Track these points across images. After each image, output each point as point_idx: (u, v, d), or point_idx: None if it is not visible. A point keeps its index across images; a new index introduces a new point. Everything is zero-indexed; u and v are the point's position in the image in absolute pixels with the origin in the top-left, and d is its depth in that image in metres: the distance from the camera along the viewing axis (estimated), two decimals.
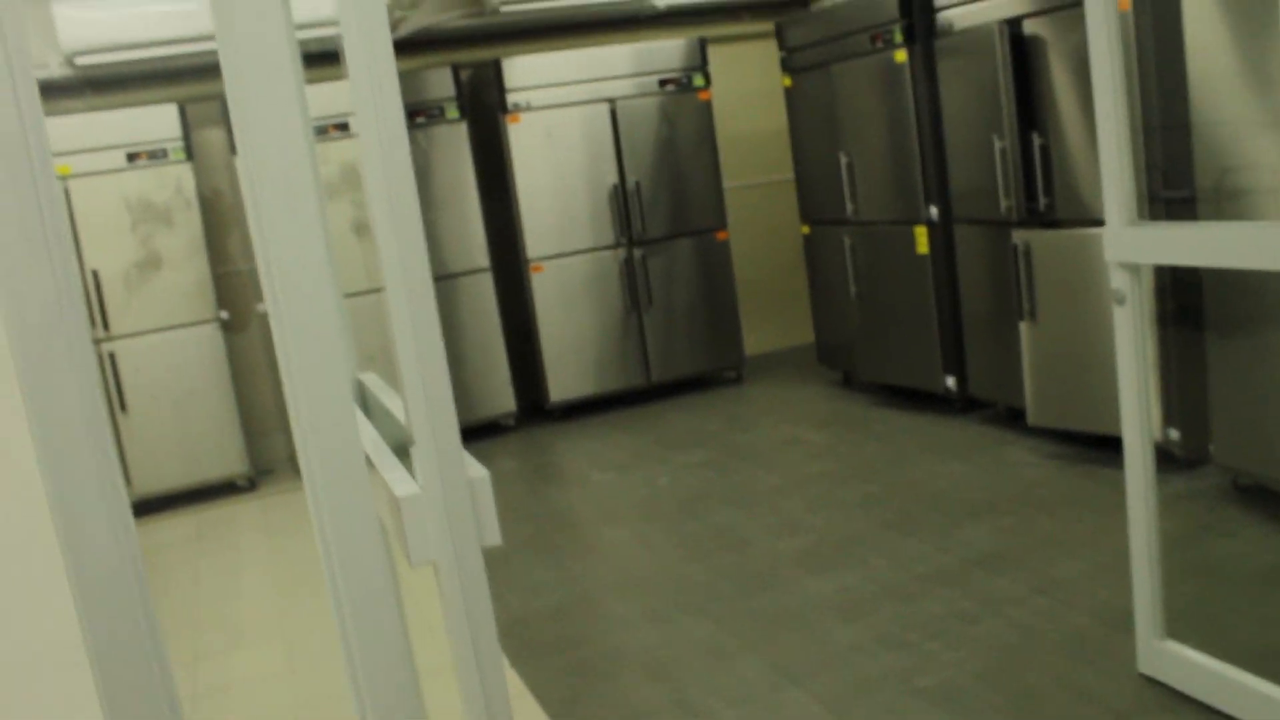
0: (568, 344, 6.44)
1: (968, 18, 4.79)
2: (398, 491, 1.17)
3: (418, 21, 6.03)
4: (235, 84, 1.14)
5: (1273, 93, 3.48)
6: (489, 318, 6.35)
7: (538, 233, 6.31)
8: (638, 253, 6.52)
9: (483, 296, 6.33)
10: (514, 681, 3.35)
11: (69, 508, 1.04)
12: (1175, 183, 3.91)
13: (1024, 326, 4.69)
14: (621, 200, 6.45)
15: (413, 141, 6.02)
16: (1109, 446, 4.57)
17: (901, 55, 5.17)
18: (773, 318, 7.68)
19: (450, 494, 1.16)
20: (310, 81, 1.75)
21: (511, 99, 6.15)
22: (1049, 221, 4.52)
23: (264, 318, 6.19)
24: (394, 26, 5.99)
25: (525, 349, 6.68)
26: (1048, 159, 4.45)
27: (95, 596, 1.06)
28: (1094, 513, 3.95)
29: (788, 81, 6.17)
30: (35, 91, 1.02)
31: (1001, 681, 2.92)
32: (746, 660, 3.27)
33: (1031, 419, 4.73)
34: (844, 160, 5.74)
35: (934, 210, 5.24)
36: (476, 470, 1.20)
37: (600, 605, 3.84)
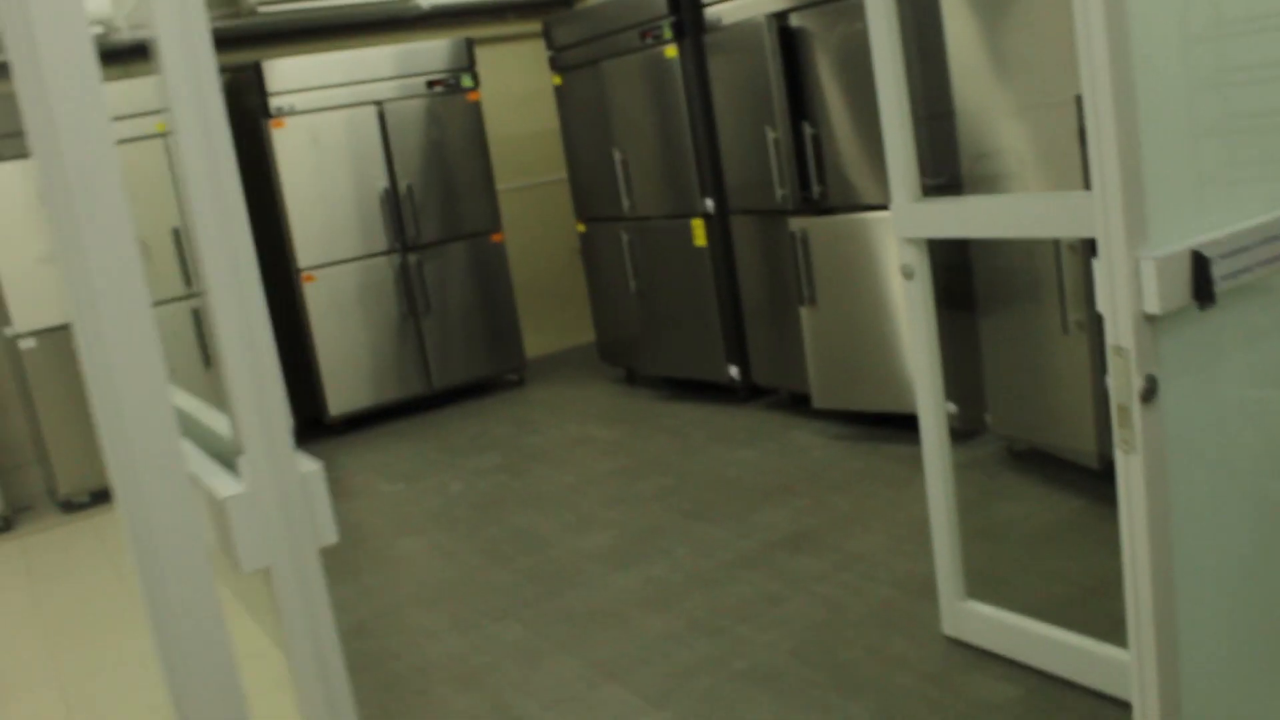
0: (345, 354, 6.23)
1: (736, 12, 4.88)
2: (221, 493, 1.06)
3: None
4: (28, 80, 1.00)
5: (1016, 81, 3.68)
6: None
7: (308, 241, 6.07)
8: (412, 258, 6.36)
9: None
10: None
11: None
12: (940, 170, 4.08)
13: (804, 312, 4.80)
14: (393, 205, 6.28)
15: (167, 148, 5.69)
16: (891, 424, 4.74)
17: (671, 51, 5.22)
18: (552, 319, 7.65)
19: (282, 491, 1.06)
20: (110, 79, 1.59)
21: (274, 103, 5.89)
22: (823, 209, 4.66)
23: (10, 342, 5.72)
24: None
25: (300, 362, 6.41)
26: (819, 148, 4.58)
27: None
28: (885, 487, 4.08)
29: (557, 80, 6.15)
30: None
31: (815, 657, 2.96)
32: (560, 660, 3.21)
33: (816, 402, 4.86)
34: (618, 157, 5.76)
35: (710, 203, 5.32)
36: (308, 464, 1.10)
37: (403, 618, 3.70)
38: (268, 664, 3.46)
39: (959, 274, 4.16)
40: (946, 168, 4.02)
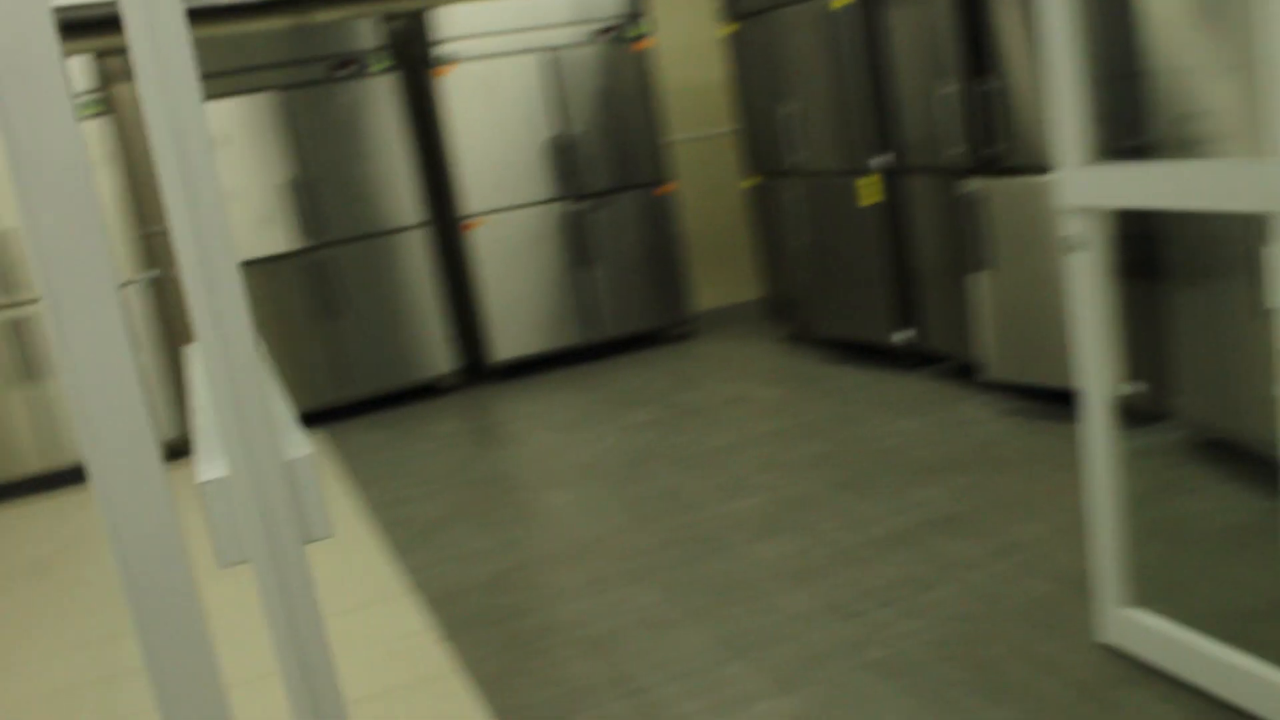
0: (510, 301, 6.21)
1: None
2: (200, 476, 0.95)
3: None
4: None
5: (1229, 35, 3.29)
6: (424, 275, 6.10)
7: (474, 187, 6.06)
8: (579, 206, 6.28)
9: (417, 254, 6.07)
10: (445, 657, 3.14)
11: None
12: (1129, 132, 3.72)
13: (976, 278, 4.50)
14: (561, 153, 6.19)
15: (341, 94, 5.75)
16: (1067, 400, 4.42)
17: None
18: (721, 273, 7.48)
19: (262, 478, 0.94)
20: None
21: (441, 50, 5.87)
22: (1002, 169, 4.33)
23: None
24: None
25: (466, 307, 6.44)
26: (998, 104, 4.25)
27: None
28: (1055, 470, 3.79)
29: (729, 30, 5.93)
30: None
31: (957, 653, 2.75)
32: (691, 632, 3.08)
33: (987, 373, 4.56)
34: (788, 110, 5.52)
35: (881, 160, 5.03)
36: (297, 448, 0.98)
37: (540, 574, 3.64)
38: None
39: (1149, 237, 3.80)
40: (1141, 130, 3.66)
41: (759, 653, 2.91)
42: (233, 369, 0.93)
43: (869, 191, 5.11)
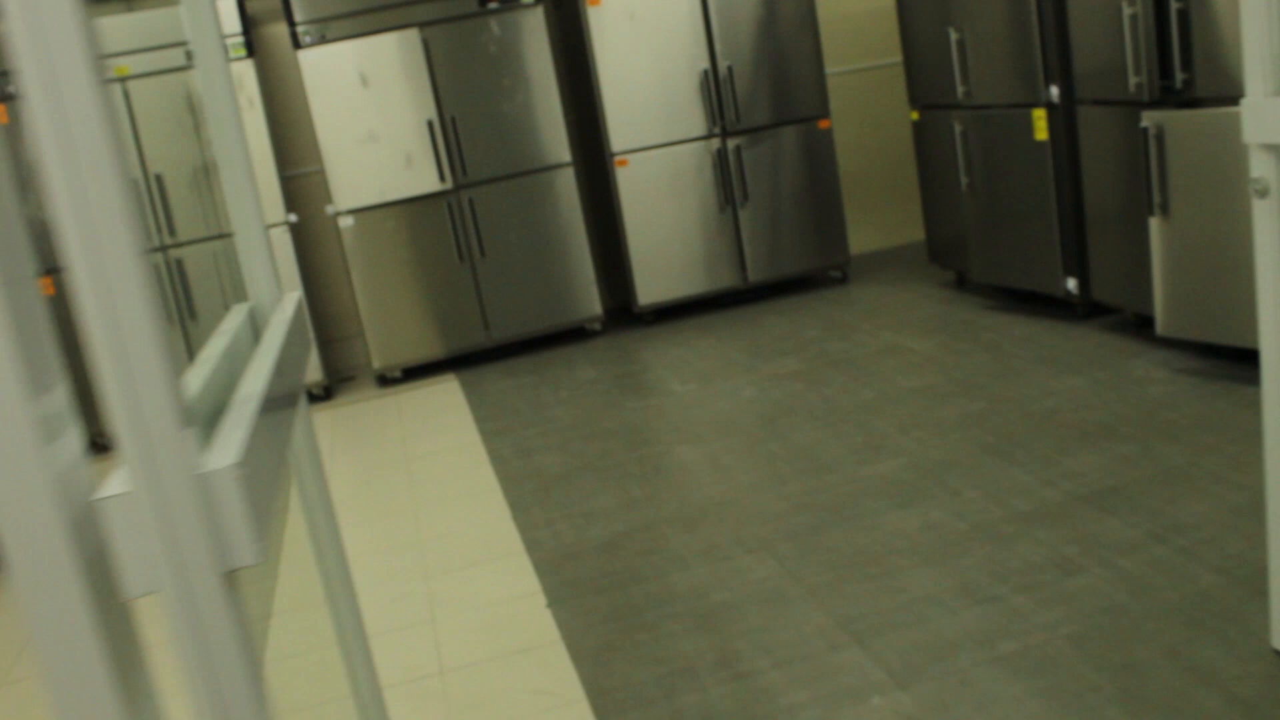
0: (657, 243, 6.01)
1: None
2: (101, 490, 0.79)
3: None
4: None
5: None
6: (572, 215, 5.94)
7: (622, 124, 5.85)
8: (732, 143, 6.02)
9: (565, 193, 5.92)
10: (549, 626, 3.01)
11: None
12: None
13: (1154, 222, 4.08)
14: (713, 87, 5.93)
15: (487, 29, 5.61)
16: (1251, 361, 3.99)
17: None
18: (880, 213, 7.11)
19: (168, 495, 0.78)
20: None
21: None
22: (1187, 100, 3.89)
23: (334, 219, 5.91)
24: None
25: (612, 248, 6.28)
26: (1186, 27, 3.80)
27: None
28: (1232, 441, 3.40)
29: None
30: None
31: (1101, 651, 2.46)
32: (806, 610, 2.86)
33: (1161, 328, 4.16)
34: (954, 37, 5.11)
35: (1054, 91, 4.61)
36: (220, 457, 0.81)
37: (657, 538, 3.47)
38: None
39: None
40: None
41: (878, 639, 2.68)
42: (130, 365, 0.77)
43: (1041, 125, 4.70)
